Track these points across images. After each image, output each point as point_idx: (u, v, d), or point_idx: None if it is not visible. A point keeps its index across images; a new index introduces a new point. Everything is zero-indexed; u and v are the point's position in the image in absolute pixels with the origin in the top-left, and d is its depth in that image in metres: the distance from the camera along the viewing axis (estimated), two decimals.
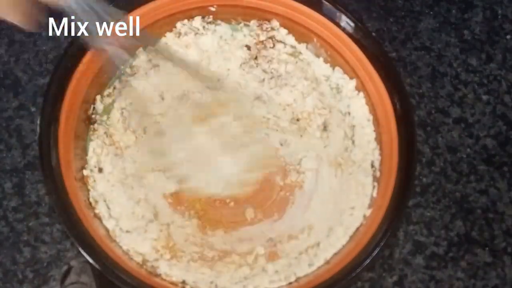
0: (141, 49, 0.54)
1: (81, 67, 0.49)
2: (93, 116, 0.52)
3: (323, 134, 0.55)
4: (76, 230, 0.44)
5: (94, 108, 0.52)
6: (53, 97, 0.47)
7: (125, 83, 0.53)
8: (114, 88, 0.53)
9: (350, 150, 0.53)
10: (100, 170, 0.51)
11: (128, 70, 0.54)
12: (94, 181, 0.50)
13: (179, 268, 0.48)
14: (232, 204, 0.52)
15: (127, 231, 0.49)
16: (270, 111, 0.56)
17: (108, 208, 0.49)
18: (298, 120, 0.55)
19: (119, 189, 0.51)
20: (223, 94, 0.56)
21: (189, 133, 0.53)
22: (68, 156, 0.47)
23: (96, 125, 0.52)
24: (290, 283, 0.48)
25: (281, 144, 0.56)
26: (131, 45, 0.48)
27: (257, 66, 0.56)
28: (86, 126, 0.51)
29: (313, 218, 0.52)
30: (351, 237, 0.48)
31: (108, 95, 0.53)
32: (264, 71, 0.56)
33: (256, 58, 0.56)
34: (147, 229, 0.50)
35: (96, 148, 0.51)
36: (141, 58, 0.54)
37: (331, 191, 0.53)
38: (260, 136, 0.55)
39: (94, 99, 0.52)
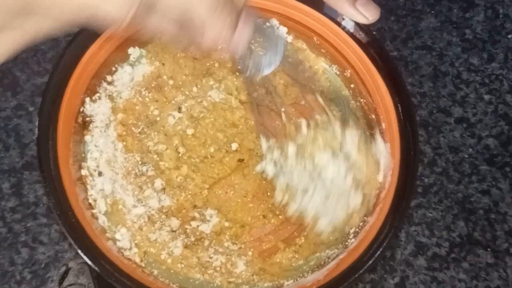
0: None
1: (80, 67, 0.48)
2: (87, 119, 0.50)
3: None
4: (74, 231, 0.44)
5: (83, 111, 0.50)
6: (52, 97, 0.47)
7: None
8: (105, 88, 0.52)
9: None
10: (100, 173, 0.50)
11: (108, 78, 0.52)
12: (93, 179, 0.50)
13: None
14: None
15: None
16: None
17: (108, 204, 0.49)
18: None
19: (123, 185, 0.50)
20: None
21: None
22: (66, 156, 0.47)
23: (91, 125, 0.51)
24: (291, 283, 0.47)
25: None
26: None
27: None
28: (83, 127, 0.50)
29: None
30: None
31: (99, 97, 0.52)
32: None
33: None
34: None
35: (93, 152, 0.50)
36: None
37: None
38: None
39: (84, 101, 0.50)
